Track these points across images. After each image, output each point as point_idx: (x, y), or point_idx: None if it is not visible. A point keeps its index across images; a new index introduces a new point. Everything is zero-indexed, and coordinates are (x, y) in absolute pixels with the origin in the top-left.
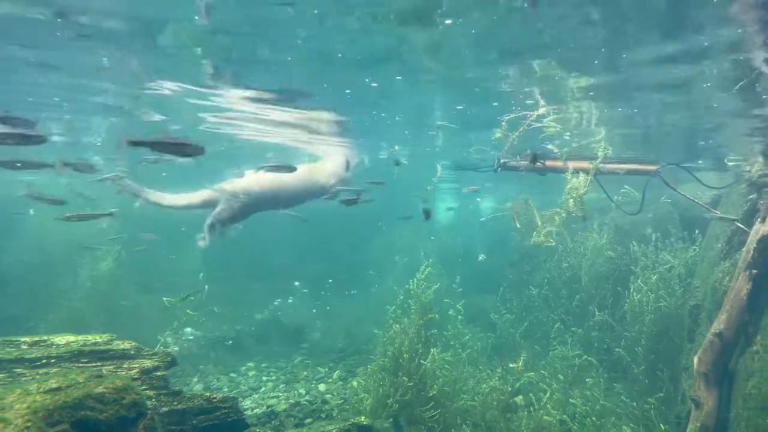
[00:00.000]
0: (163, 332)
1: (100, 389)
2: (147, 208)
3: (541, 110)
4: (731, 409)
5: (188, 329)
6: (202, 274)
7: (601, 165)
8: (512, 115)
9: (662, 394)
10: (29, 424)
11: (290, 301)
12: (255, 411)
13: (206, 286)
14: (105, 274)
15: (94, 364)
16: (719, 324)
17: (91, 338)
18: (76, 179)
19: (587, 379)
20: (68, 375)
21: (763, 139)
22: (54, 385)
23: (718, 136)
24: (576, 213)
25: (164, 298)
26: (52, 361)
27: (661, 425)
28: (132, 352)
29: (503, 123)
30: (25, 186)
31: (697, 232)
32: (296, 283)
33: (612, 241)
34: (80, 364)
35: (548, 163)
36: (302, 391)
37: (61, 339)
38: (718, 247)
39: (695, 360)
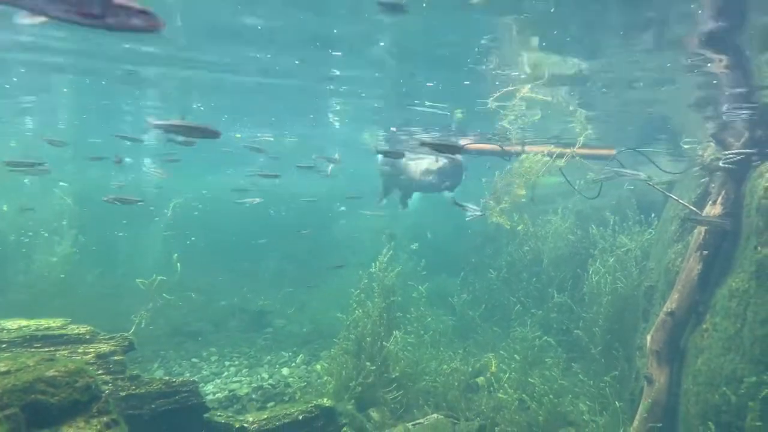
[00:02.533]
0: (122, 318)
1: (51, 372)
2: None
3: (524, 90)
4: (682, 385)
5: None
6: (176, 255)
7: (561, 150)
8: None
9: (617, 373)
10: None
11: (250, 287)
12: (217, 395)
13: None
14: (63, 259)
15: (47, 349)
16: (671, 303)
17: (44, 323)
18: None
19: (546, 360)
20: (18, 358)
21: (715, 123)
22: (2, 369)
23: (674, 117)
24: (523, 198)
25: (138, 280)
26: (3, 346)
27: (616, 402)
28: (87, 337)
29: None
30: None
31: (653, 215)
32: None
33: (573, 225)
34: (33, 349)
35: (507, 147)
36: (265, 375)
37: (13, 324)
38: (672, 230)
39: (648, 339)
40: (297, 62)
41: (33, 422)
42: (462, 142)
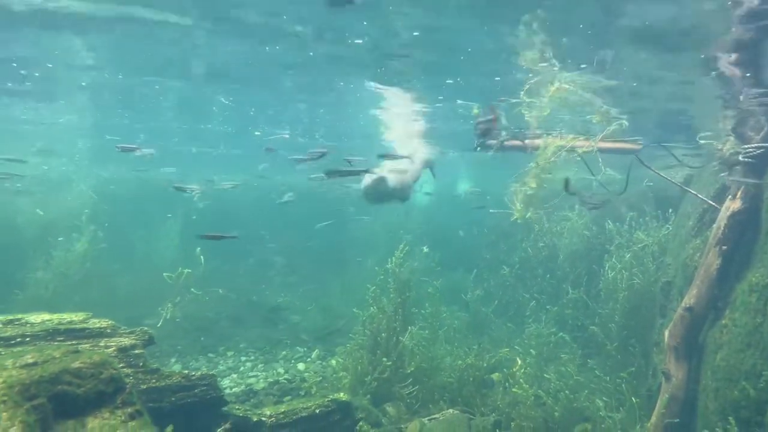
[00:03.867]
0: (141, 312)
1: (77, 364)
2: None
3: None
4: (700, 381)
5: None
6: (199, 249)
7: (583, 143)
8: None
9: (634, 369)
10: (5, 398)
11: (268, 284)
12: (234, 390)
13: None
14: (80, 254)
15: (70, 342)
16: (690, 299)
17: (66, 317)
18: None
19: (562, 356)
20: (44, 350)
21: (735, 116)
22: (30, 361)
23: (691, 111)
24: (536, 190)
25: (165, 274)
26: (27, 339)
27: (633, 398)
28: (109, 331)
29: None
30: None
31: (670, 211)
32: (277, 258)
33: (589, 221)
34: (56, 343)
35: (527, 141)
36: (281, 370)
37: (36, 318)
38: (690, 225)
39: (666, 334)
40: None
41: (59, 412)
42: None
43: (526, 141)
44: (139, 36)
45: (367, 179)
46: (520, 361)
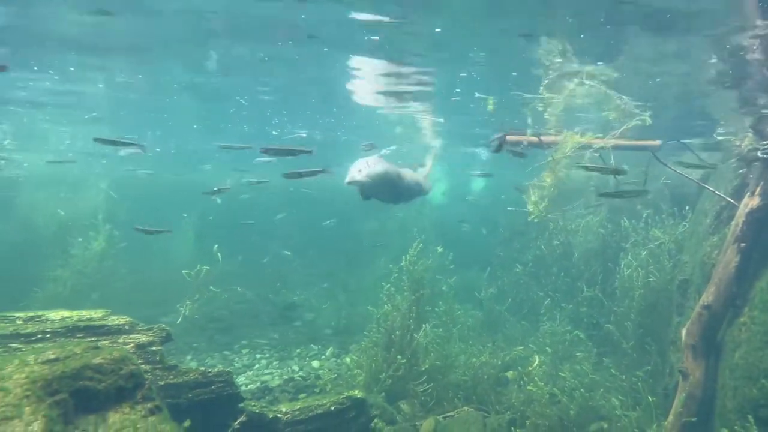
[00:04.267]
0: (158, 310)
1: (97, 360)
2: None
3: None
4: (718, 379)
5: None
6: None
7: (602, 139)
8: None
9: (650, 368)
10: (28, 393)
11: (280, 281)
12: (249, 387)
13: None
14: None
15: (89, 339)
16: (708, 296)
17: (85, 313)
18: None
19: (577, 354)
20: (66, 346)
21: (753, 111)
22: (52, 356)
23: (708, 107)
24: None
25: (184, 272)
26: (47, 336)
27: (649, 397)
28: (127, 328)
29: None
30: None
31: (687, 208)
32: (287, 253)
33: (604, 218)
34: (76, 339)
35: (544, 138)
36: (296, 367)
37: (56, 315)
38: (707, 222)
39: (683, 332)
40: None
41: (81, 407)
42: (496, 135)
43: (542, 137)
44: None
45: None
46: (537, 359)
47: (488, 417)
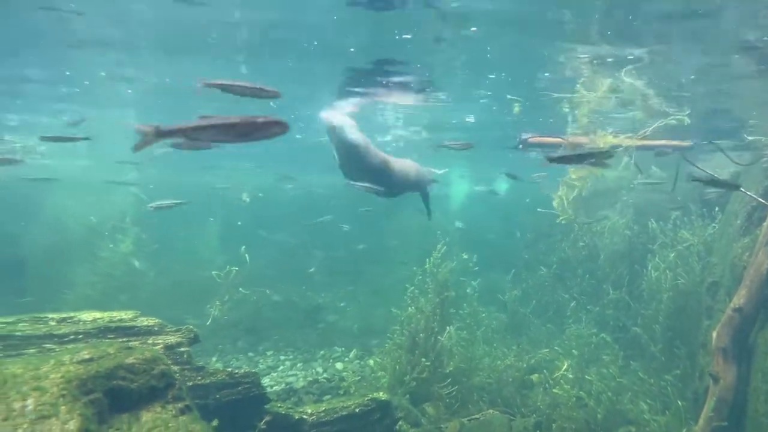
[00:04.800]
0: (182, 312)
1: (130, 360)
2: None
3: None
4: (750, 383)
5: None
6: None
7: (632, 140)
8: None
9: (679, 371)
10: (64, 392)
11: (303, 283)
12: (274, 388)
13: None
14: (125, 255)
15: (120, 340)
16: (739, 299)
17: (116, 315)
18: None
19: (603, 357)
20: (99, 347)
21: None
22: (86, 356)
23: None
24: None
25: (213, 272)
26: (80, 336)
27: (679, 401)
28: (156, 329)
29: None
30: None
31: (716, 209)
32: (311, 270)
33: (630, 220)
34: (107, 340)
35: (571, 139)
36: (320, 369)
37: (88, 316)
38: (738, 224)
39: (714, 335)
40: None
41: (114, 407)
42: (524, 135)
43: (569, 138)
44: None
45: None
46: (564, 365)
47: (514, 420)
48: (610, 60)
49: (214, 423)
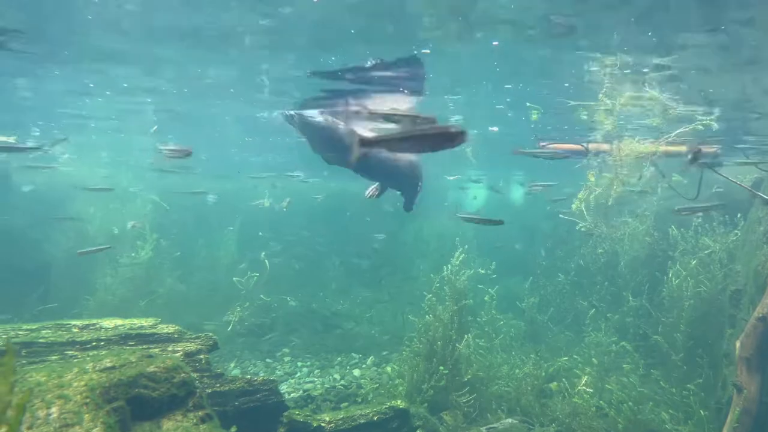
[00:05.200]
0: (201, 317)
1: (151, 368)
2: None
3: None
4: None
5: (228, 317)
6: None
7: (656, 146)
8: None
9: (702, 381)
10: (87, 400)
11: (319, 290)
12: (292, 395)
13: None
14: (144, 262)
15: (141, 347)
16: (763, 308)
17: (137, 322)
18: None
19: (624, 366)
20: (121, 354)
21: None
22: (108, 364)
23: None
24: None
25: (234, 279)
26: (102, 343)
27: (701, 411)
28: (176, 336)
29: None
30: None
31: (739, 216)
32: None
33: (651, 226)
34: (128, 347)
35: (591, 146)
36: (337, 376)
37: (110, 323)
38: (761, 230)
39: (737, 345)
40: None
41: (136, 415)
42: (542, 143)
43: (590, 145)
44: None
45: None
46: (584, 378)
47: (533, 429)
48: (632, 68)
49: (233, 430)
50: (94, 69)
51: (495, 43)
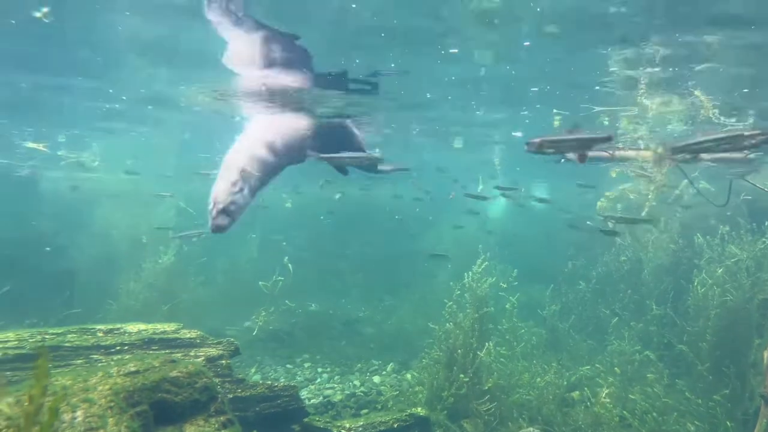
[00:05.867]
0: (221, 322)
1: (174, 373)
2: None
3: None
4: None
5: (247, 323)
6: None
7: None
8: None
9: (728, 391)
10: (112, 404)
11: (339, 296)
12: (312, 401)
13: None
14: (167, 267)
15: (164, 352)
16: None
17: (160, 327)
18: None
19: (647, 375)
20: (145, 359)
21: None
22: (132, 369)
23: None
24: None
25: (260, 283)
26: (125, 348)
27: (728, 422)
28: (198, 341)
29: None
30: None
31: (767, 223)
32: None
33: (675, 234)
34: (151, 351)
35: (617, 153)
36: (357, 382)
37: (133, 327)
38: None
39: (765, 355)
40: None
41: (159, 419)
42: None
43: (616, 152)
44: None
45: None
46: (605, 390)
47: None
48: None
49: None
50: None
51: (526, 43)
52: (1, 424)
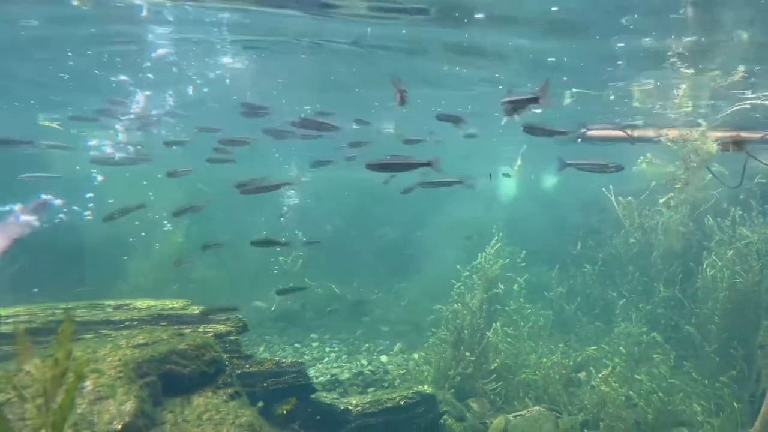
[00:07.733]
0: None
1: (182, 346)
2: None
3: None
4: None
5: (257, 302)
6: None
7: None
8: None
9: (735, 373)
10: (121, 374)
11: (348, 277)
12: (319, 379)
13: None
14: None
15: (173, 327)
16: None
17: (169, 303)
18: None
19: (654, 356)
20: (153, 332)
21: None
22: (141, 341)
23: None
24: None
25: (281, 258)
26: (135, 323)
27: (734, 403)
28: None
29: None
30: None
31: None
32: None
33: (685, 216)
34: (160, 327)
35: (636, 133)
36: (364, 362)
37: (142, 303)
38: None
39: None
40: None
41: (167, 390)
42: (583, 129)
43: (635, 132)
44: None
45: None
46: (610, 367)
47: (560, 418)
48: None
49: (260, 404)
50: None
51: (554, 9)
52: (30, 384)
